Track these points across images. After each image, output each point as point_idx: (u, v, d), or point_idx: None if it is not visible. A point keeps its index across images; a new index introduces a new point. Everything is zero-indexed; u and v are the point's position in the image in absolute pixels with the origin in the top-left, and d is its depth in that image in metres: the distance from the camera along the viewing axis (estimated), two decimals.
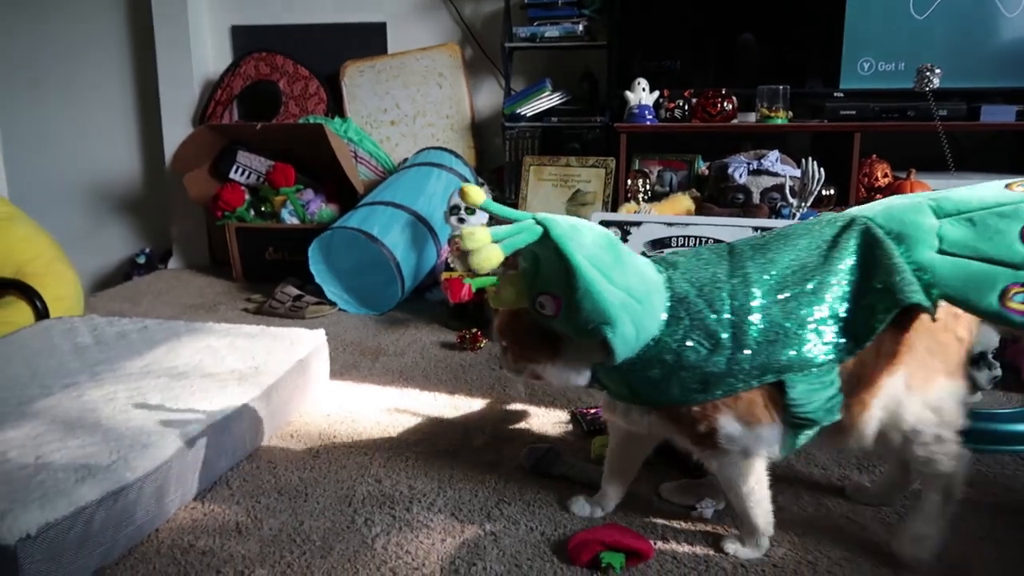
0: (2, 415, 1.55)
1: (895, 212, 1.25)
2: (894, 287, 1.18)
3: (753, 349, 1.21)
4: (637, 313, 1.20)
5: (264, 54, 3.79)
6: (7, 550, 1.12)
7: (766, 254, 1.28)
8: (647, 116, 3.01)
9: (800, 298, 1.22)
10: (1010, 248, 1.17)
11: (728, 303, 1.23)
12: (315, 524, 1.41)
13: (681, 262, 1.32)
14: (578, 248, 1.17)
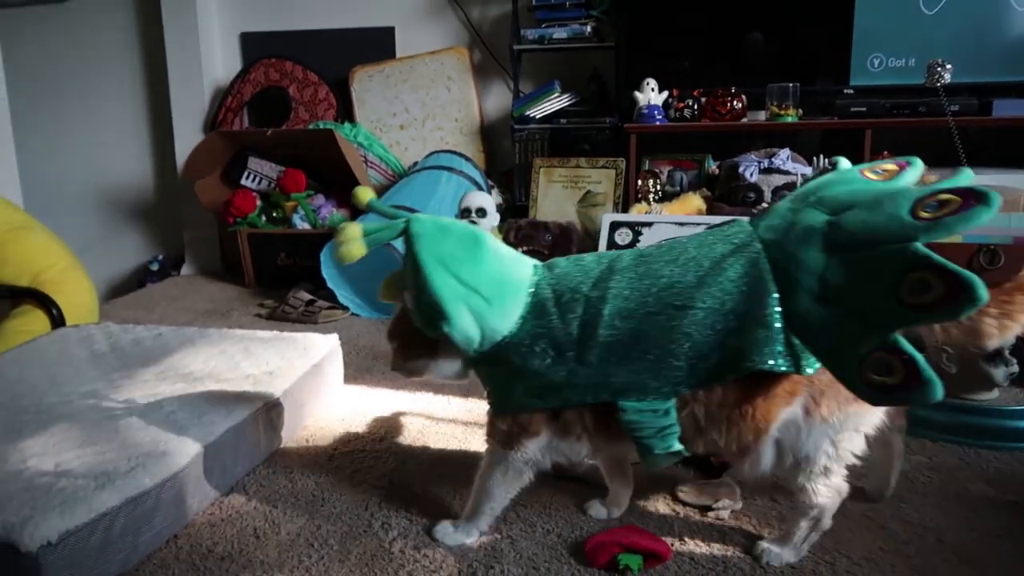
0: (21, 423, 1.56)
1: (787, 240, 1.15)
2: (752, 344, 1.12)
3: (593, 367, 1.21)
4: (483, 311, 1.24)
5: (273, 60, 3.81)
6: (29, 557, 1.13)
7: (646, 266, 1.25)
8: (656, 116, 3.00)
9: (651, 323, 1.19)
10: (883, 304, 1.04)
11: (580, 315, 1.23)
12: (332, 528, 1.41)
13: (561, 266, 1.32)
14: (429, 246, 1.24)
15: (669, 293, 1.19)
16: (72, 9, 3.99)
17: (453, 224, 1.31)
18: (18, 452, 1.42)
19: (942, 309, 0.99)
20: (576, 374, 1.22)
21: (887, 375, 1.02)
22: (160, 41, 3.84)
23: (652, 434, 1.20)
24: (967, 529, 1.36)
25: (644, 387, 1.19)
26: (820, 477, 1.22)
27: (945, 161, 2.77)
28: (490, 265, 1.28)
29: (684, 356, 1.17)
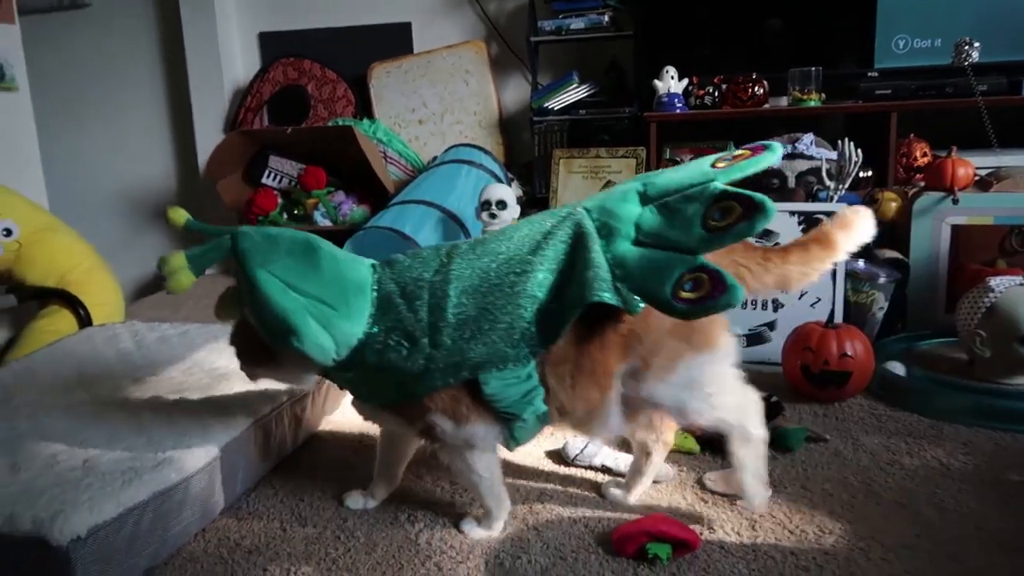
0: (50, 420, 1.57)
1: (607, 202, 1.27)
2: (583, 284, 1.19)
3: (448, 347, 1.24)
4: (330, 318, 1.25)
5: (292, 59, 3.82)
6: (60, 551, 1.13)
7: (483, 247, 1.30)
8: (677, 104, 2.97)
9: (497, 293, 1.24)
10: (690, 232, 1.18)
11: (427, 302, 1.26)
12: (358, 521, 1.41)
13: (399, 260, 1.34)
14: (261, 261, 1.26)
15: (508, 264, 1.26)
16: (94, 14, 4.02)
17: (281, 233, 1.31)
18: (47, 449, 1.43)
19: (742, 225, 1.14)
20: (433, 359, 1.24)
21: (697, 291, 1.14)
22: (180, 43, 3.87)
23: (517, 400, 1.24)
24: (1004, 516, 1.33)
25: (502, 355, 1.23)
26: (710, 409, 1.29)
27: (975, 142, 2.71)
28: (328, 270, 1.28)
29: (532, 317, 1.22)
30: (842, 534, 1.30)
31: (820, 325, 1.90)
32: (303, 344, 1.23)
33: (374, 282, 1.30)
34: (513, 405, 1.25)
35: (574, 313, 1.19)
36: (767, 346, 2.15)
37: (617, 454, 1.58)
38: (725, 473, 1.49)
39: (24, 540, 1.14)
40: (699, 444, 1.63)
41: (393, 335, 1.26)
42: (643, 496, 1.44)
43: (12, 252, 2.45)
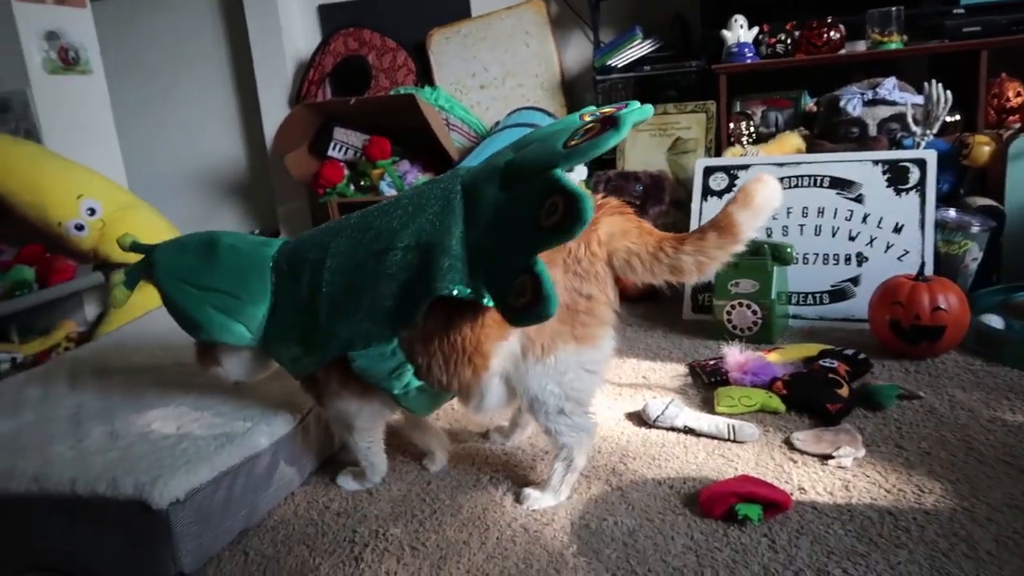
0: (142, 389, 1.63)
1: (476, 178, 1.21)
2: (436, 273, 1.15)
3: (323, 324, 1.26)
4: (232, 305, 1.33)
5: (352, 30, 3.82)
6: (160, 514, 1.17)
7: (364, 222, 1.29)
8: (747, 54, 2.85)
9: (360, 272, 1.24)
10: (526, 229, 1.09)
11: (306, 280, 1.29)
12: (442, 484, 1.42)
13: (300, 238, 1.38)
14: (166, 268, 1.36)
15: (375, 241, 1.25)
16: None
17: (190, 239, 1.40)
18: (142, 417, 1.48)
19: (562, 228, 1.04)
20: (312, 336, 1.28)
21: (521, 296, 1.08)
22: (242, 20, 3.91)
23: (384, 376, 1.25)
24: None
25: (366, 333, 1.23)
26: (557, 416, 1.26)
27: None
28: (227, 262, 1.35)
29: (392, 297, 1.21)
30: (943, 494, 1.24)
31: (909, 278, 1.82)
32: (210, 334, 1.34)
33: (272, 263, 1.36)
34: (382, 380, 1.26)
35: (426, 298, 1.17)
36: (851, 302, 2.07)
37: (700, 415, 1.55)
38: (815, 432, 1.44)
39: (126, 503, 1.19)
40: (784, 403, 1.59)
41: (287, 312, 1.32)
42: (725, 458, 1.41)
43: (96, 231, 2.54)
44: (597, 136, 1.10)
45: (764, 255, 1.98)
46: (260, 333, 1.35)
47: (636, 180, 2.42)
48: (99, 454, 1.32)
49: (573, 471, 1.32)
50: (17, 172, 2.46)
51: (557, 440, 1.29)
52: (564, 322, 1.21)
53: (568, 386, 1.24)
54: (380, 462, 1.44)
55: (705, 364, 1.82)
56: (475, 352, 1.21)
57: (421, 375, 1.26)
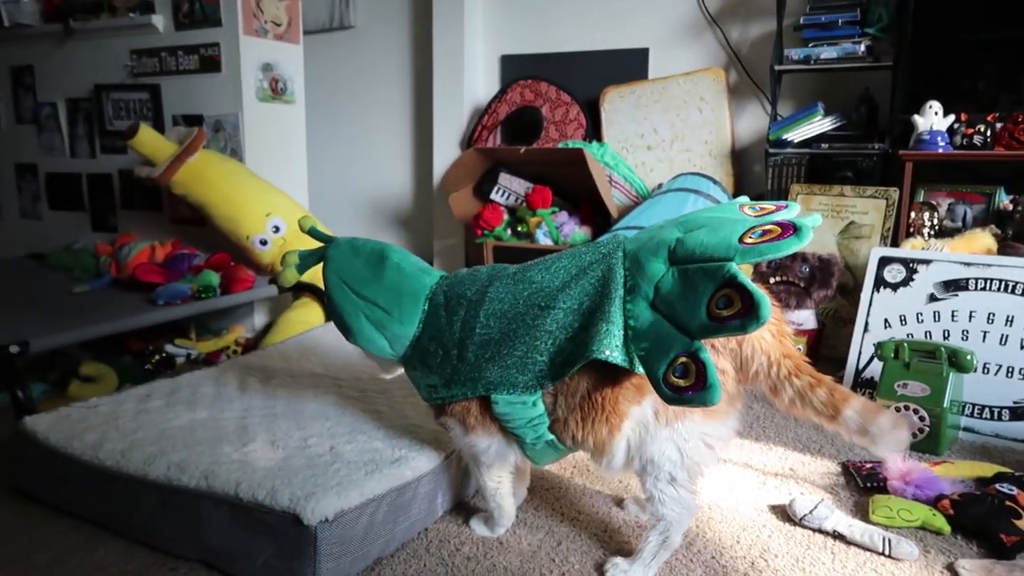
0: (301, 404, 1.73)
1: (641, 252, 1.24)
2: (593, 336, 1.19)
3: (470, 363, 1.32)
4: (383, 320, 1.41)
5: (529, 81, 3.96)
6: (309, 530, 1.24)
7: (523, 274, 1.35)
8: (940, 143, 2.70)
9: (519, 321, 1.29)
10: (695, 314, 1.12)
11: (461, 317, 1.35)
12: (572, 546, 1.41)
13: (459, 275, 1.45)
14: (336, 268, 1.46)
15: (537, 296, 1.30)
16: (358, 34, 4.43)
17: (366, 245, 1.49)
18: (300, 430, 1.57)
19: (736, 322, 1.07)
20: (457, 370, 1.33)
21: (684, 378, 1.11)
22: (429, 63, 4.15)
23: (522, 424, 1.29)
24: None
25: (513, 381, 1.28)
26: (666, 485, 1.26)
27: None
28: (390, 279, 1.43)
29: (547, 352, 1.26)
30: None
31: None
32: (355, 340, 1.45)
33: (429, 291, 1.42)
34: (519, 427, 1.30)
35: (581, 360, 1.20)
36: None
37: (852, 521, 1.45)
38: (985, 564, 1.32)
39: (281, 514, 1.26)
40: (950, 524, 1.46)
41: (433, 342, 1.38)
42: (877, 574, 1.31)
43: (278, 247, 2.75)
44: (778, 240, 1.12)
45: (940, 358, 1.84)
46: (402, 352, 1.43)
47: (804, 261, 2.34)
48: (261, 461, 1.41)
49: (667, 548, 1.30)
50: (220, 187, 2.71)
51: (659, 510, 1.28)
52: None
53: (686, 455, 1.25)
54: (508, 506, 1.45)
55: (861, 466, 1.71)
56: (612, 412, 1.24)
57: (557, 429, 1.29)
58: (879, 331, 2.14)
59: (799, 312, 2.34)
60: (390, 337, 1.42)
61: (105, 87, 3.30)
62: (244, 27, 2.90)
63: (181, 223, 3.09)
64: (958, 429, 1.96)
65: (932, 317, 2.08)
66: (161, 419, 1.65)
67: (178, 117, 3.08)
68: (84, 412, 1.69)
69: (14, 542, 1.44)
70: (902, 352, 1.90)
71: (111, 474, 1.45)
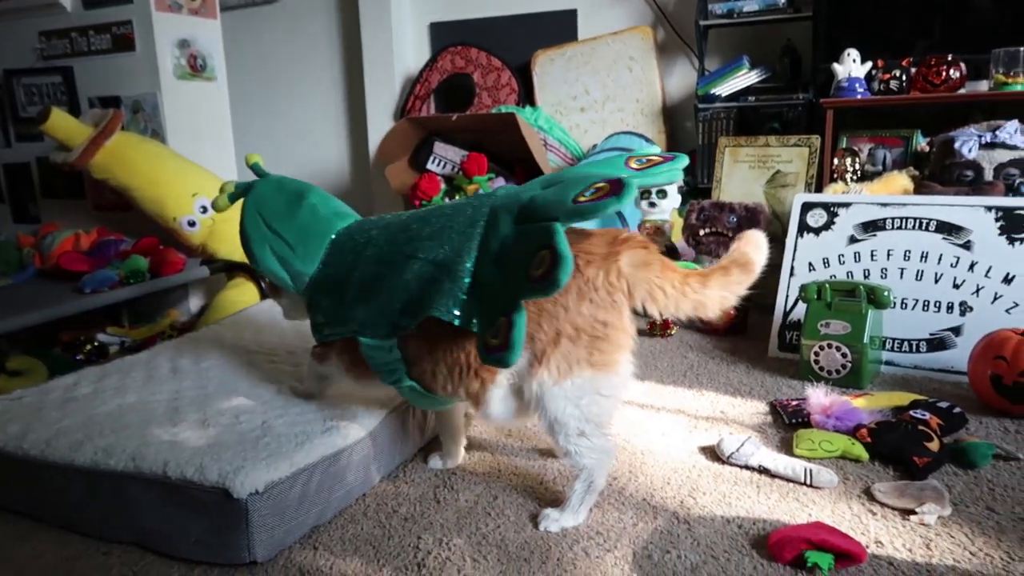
0: (235, 383, 1.72)
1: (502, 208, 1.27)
2: (435, 293, 1.25)
3: (348, 304, 1.39)
4: (287, 254, 1.48)
5: (460, 48, 3.93)
6: (240, 503, 1.23)
7: (409, 221, 1.41)
8: (858, 89, 2.77)
9: (385, 269, 1.35)
10: (518, 273, 1.16)
11: (348, 261, 1.42)
12: (508, 499, 1.44)
13: (363, 221, 1.52)
14: (256, 199, 1.53)
15: (407, 244, 1.35)
16: (283, 8, 4.33)
17: (292, 183, 1.57)
18: (232, 407, 1.56)
19: (541, 284, 1.11)
20: (338, 312, 1.41)
21: (495, 338, 1.16)
22: (357, 35, 4.08)
23: (381, 368, 1.37)
24: None
25: (374, 325, 1.35)
26: (577, 438, 1.28)
27: None
28: (302, 217, 1.50)
29: (400, 300, 1.31)
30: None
31: (1017, 332, 1.72)
32: (257, 265, 1.52)
33: (335, 233, 1.49)
34: (377, 368, 1.38)
35: (422, 314, 1.27)
36: (951, 353, 1.97)
37: (776, 455, 1.51)
38: (899, 485, 1.38)
39: (211, 489, 1.25)
40: (868, 452, 1.52)
41: (327, 282, 1.45)
42: (799, 502, 1.37)
43: (207, 228, 2.70)
44: (600, 199, 1.15)
45: (859, 296, 1.91)
46: (302, 289, 1.50)
47: (731, 211, 2.39)
48: (191, 440, 1.40)
49: (592, 492, 1.34)
50: (142, 169, 2.64)
51: (577, 462, 1.31)
52: (578, 346, 1.24)
53: (586, 410, 1.27)
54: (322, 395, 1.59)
55: (787, 404, 1.77)
56: (479, 367, 1.28)
57: (425, 378, 1.35)
58: (804, 274, 2.20)
59: None
60: (292, 273, 1.49)
61: (15, 72, 3.18)
62: (156, 3, 2.81)
63: (106, 209, 3.01)
64: (880, 363, 2.03)
65: (853, 258, 2.15)
66: (88, 406, 1.62)
67: (94, 99, 2.98)
68: (7, 404, 1.66)
69: None
70: (824, 293, 1.96)
71: (37, 463, 1.43)
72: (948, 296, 2.00)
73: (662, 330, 2.41)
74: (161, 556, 1.31)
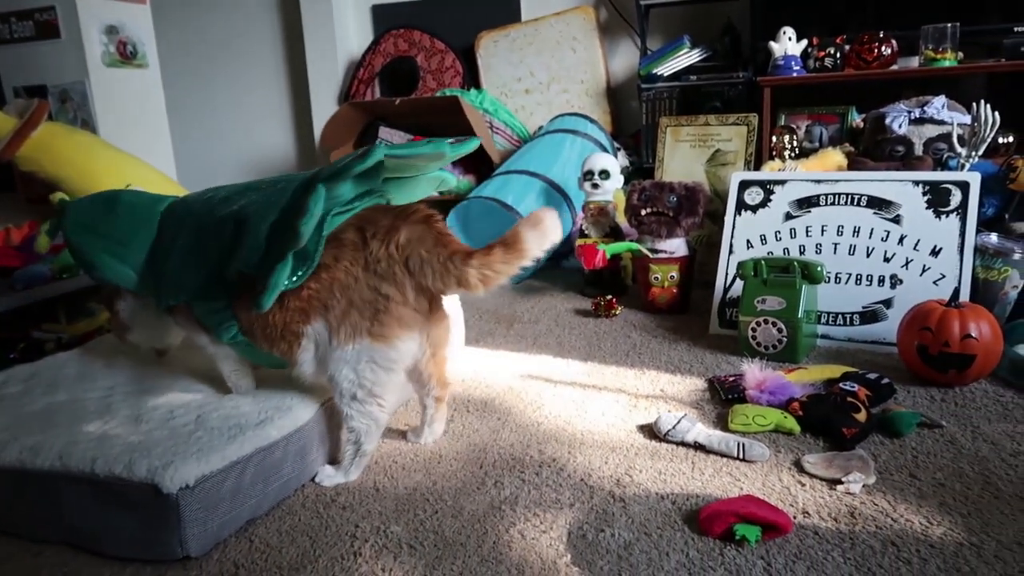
0: (171, 378, 1.69)
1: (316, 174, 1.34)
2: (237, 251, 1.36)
3: (173, 272, 1.46)
4: (122, 252, 1.52)
5: (402, 31, 3.88)
6: (170, 498, 1.22)
7: (224, 192, 1.49)
8: (794, 67, 2.81)
9: (206, 237, 1.43)
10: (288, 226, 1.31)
11: (172, 233, 1.49)
12: (447, 485, 1.44)
13: (187, 198, 1.57)
14: (73, 217, 1.56)
15: (227, 212, 1.41)
16: None
17: (97, 197, 1.60)
18: (166, 404, 1.54)
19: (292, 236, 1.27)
20: (163, 279, 1.47)
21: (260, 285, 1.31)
22: (298, 18, 4.01)
23: (214, 325, 1.46)
24: None
25: (205, 289, 1.43)
26: (350, 400, 1.40)
27: None
28: (122, 214, 1.54)
29: (217, 262, 1.40)
30: (951, 527, 1.21)
31: (941, 304, 1.77)
32: (103, 273, 1.53)
33: (158, 215, 1.55)
34: (212, 327, 1.46)
35: (225, 273, 1.38)
36: (882, 324, 2.02)
37: (711, 431, 1.54)
38: (826, 456, 1.42)
39: (139, 485, 1.23)
40: (799, 425, 1.56)
41: (158, 253, 1.51)
42: (732, 476, 1.40)
43: None
44: (351, 162, 1.29)
45: (793, 272, 1.95)
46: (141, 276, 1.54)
47: (671, 191, 2.41)
48: (122, 437, 1.38)
49: (363, 456, 1.46)
50: (72, 160, 2.56)
51: (348, 423, 1.42)
52: (363, 317, 1.35)
53: (360, 375, 1.37)
54: (245, 384, 1.59)
55: (724, 380, 1.81)
56: (284, 330, 1.39)
57: (253, 337, 1.45)
58: (742, 252, 2.23)
59: (670, 241, 2.41)
60: (133, 264, 1.53)
61: None
62: None
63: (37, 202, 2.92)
64: (816, 337, 2.08)
65: (788, 234, 2.19)
66: (15, 405, 1.58)
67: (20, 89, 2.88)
68: None
69: None
70: (760, 270, 1.99)
71: None
72: (879, 270, 2.06)
73: (606, 310, 2.44)
74: (93, 555, 1.29)
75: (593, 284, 2.67)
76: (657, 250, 2.42)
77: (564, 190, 2.93)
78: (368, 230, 1.36)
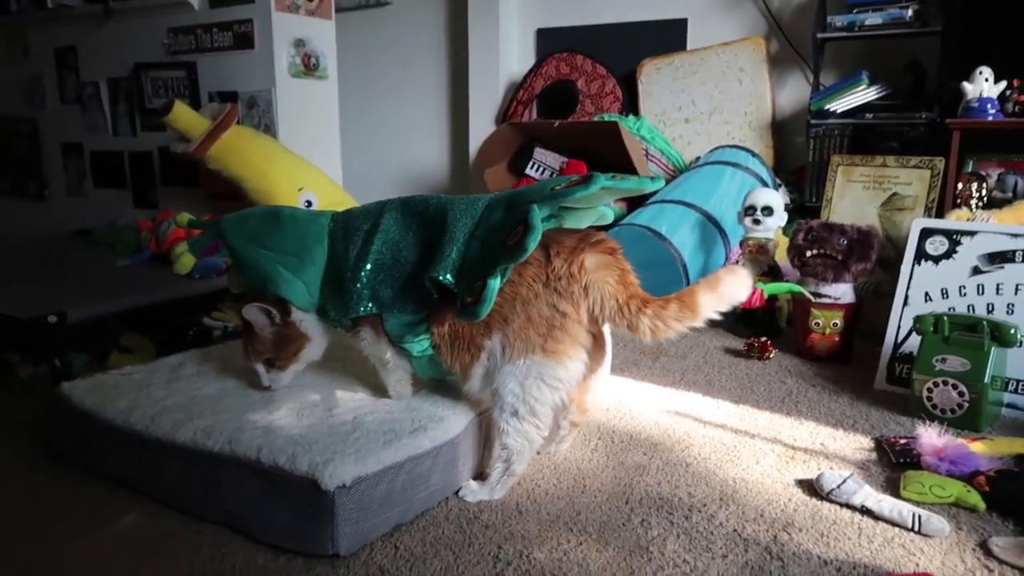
0: (329, 376, 1.75)
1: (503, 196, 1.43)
2: (436, 261, 1.38)
3: (364, 284, 1.47)
4: (297, 266, 1.53)
5: (565, 54, 3.92)
6: (327, 495, 1.25)
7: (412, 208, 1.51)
8: (989, 110, 2.59)
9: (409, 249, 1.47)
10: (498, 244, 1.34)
11: (357, 246, 1.50)
12: (591, 516, 1.40)
13: (351, 211, 1.58)
14: (236, 233, 1.57)
15: (422, 231, 1.47)
16: (393, 11, 4.43)
17: (252, 212, 1.63)
18: (325, 401, 1.59)
19: (512, 251, 1.28)
20: (352, 291, 1.48)
21: (471, 295, 1.32)
22: (464, 39, 4.13)
23: (411, 337, 1.46)
24: None
25: (402, 301, 1.45)
26: (510, 417, 1.39)
27: None
28: (289, 228, 1.56)
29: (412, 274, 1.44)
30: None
31: None
32: (279, 288, 1.52)
33: (328, 229, 1.56)
34: (403, 341, 1.47)
35: (428, 281, 1.40)
36: None
37: (882, 496, 1.41)
38: (1020, 541, 1.27)
39: (300, 479, 1.27)
40: (985, 501, 1.41)
41: (335, 268, 1.52)
42: (905, 549, 1.28)
43: None
44: (570, 187, 1.33)
45: (981, 332, 1.78)
46: (317, 295, 1.56)
47: (842, 233, 2.27)
48: (284, 429, 1.43)
49: (511, 475, 1.44)
50: (253, 162, 2.74)
51: (503, 439, 1.42)
52: (538, 333, 1.36)
53: (526, 391, 1.37)
54: (408, 393, 1.60)
55: (895, 442, 1.67)
56: (468, 342, 1.42)
57: (438, 352, 1.48)
58: (919, 305, 2.07)
59: (837, 286, 2.27)
60: (307, 280, 1.54)
61: (144, 66, 3.37)
62: (276, 3, 2.92)
63: (217, 198, 3.14)
64: (1001, 405, 1.89)
65: (975, 290, 2.01)
66: (191, 387, 1.68)
67: (213, 94, 3.12)
68: (118, 379, 1.74)
69: (50, 505, 1.49)
70: (941, 326, 1.83)
71: (141, 438, 1.49)
72: None
73: (760, 352, 2.32)
74: (248, 540, 1.34)
75: (745, 323, 2.56)
76: (821, 294, 2.29)
77: (720, 224, 2.84)
78: (552, 248, 1.38)
